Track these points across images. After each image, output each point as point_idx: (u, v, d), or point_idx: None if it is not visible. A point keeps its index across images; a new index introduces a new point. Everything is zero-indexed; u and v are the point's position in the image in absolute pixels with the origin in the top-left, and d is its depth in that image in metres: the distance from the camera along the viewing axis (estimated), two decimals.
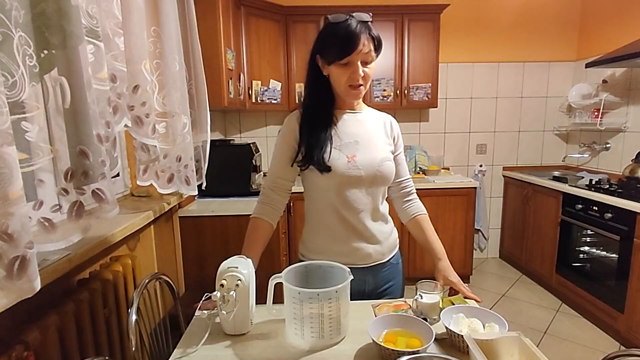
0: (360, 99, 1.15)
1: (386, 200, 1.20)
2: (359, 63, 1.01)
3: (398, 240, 1.24)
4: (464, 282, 1.12)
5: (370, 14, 1.03)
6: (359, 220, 1.10)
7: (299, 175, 1.15)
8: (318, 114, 1.10)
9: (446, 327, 0.86)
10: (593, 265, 2.57)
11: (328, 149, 1.07)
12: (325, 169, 1.06)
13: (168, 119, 1.40)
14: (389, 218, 1.20)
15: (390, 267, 1.18)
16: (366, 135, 1.12)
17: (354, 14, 1.02)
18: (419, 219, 1.21)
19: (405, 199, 1.23)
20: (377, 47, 1.04)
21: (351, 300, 0.93)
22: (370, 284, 1.14)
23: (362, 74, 1.02)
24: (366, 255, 1.12)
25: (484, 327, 0.87)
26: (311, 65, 1.10)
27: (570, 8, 3.27)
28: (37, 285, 0.73)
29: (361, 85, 1.05)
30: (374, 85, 2.97)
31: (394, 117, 1.23)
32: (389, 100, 3.00)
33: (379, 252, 1.14)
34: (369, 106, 1.22)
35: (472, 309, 0.94)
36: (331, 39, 1.03)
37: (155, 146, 1.37)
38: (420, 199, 1.25)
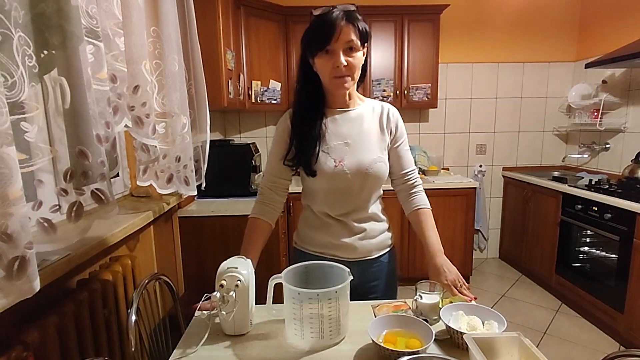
0: (353, 92, 1.12)
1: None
2: (340, 51, 0.99)
3: (391, 239, 1.22)
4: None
5: (355, 4, 1.01)
6: (346, 218, 1.11)
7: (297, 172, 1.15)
8: (308, 115, 1.09)
9: (446, 325, 0.87)
10: (593, 265, 2.57)
11: (316, 152, 1.07)
12: (311, 173, 1.07)
13: (167, 119, 1.40)
14: (383, 217, 1.19)
15: (379, 265, 1.17)
16: (358, 135, 1.10)
17: (337, 5, 1.00)
18: (419, 212, 1.16)
19: (410, 192, 1.18)
20: (363, 37, 1.02)
21: None
22: (354, 278, 1.12)
23: (345, 63, 1.00)
24: (352, 250, 1.12)
25: (483, 325, 0.88)
26: (301, 64, 1.09)
27: (570, 8, 3.27)
28: (37, 286, 0.73)
29: (347, 75, 1.02)
30: (373, 85, 2.97)
31: None
32: (388, 100, 3.00)
33: (366, 248, 1.14)
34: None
35: (472, 306, 0.95)
36: (313, 31, 1.02)
37: (155, 146, 1.37)
38: None
